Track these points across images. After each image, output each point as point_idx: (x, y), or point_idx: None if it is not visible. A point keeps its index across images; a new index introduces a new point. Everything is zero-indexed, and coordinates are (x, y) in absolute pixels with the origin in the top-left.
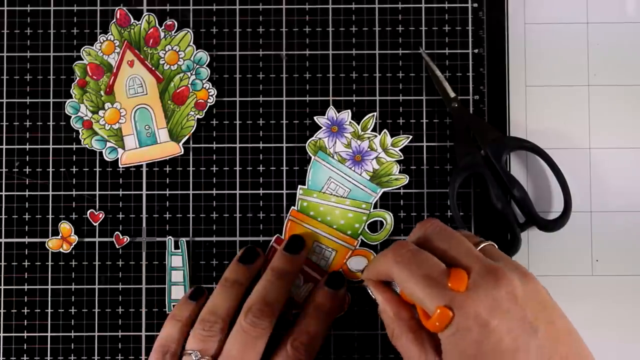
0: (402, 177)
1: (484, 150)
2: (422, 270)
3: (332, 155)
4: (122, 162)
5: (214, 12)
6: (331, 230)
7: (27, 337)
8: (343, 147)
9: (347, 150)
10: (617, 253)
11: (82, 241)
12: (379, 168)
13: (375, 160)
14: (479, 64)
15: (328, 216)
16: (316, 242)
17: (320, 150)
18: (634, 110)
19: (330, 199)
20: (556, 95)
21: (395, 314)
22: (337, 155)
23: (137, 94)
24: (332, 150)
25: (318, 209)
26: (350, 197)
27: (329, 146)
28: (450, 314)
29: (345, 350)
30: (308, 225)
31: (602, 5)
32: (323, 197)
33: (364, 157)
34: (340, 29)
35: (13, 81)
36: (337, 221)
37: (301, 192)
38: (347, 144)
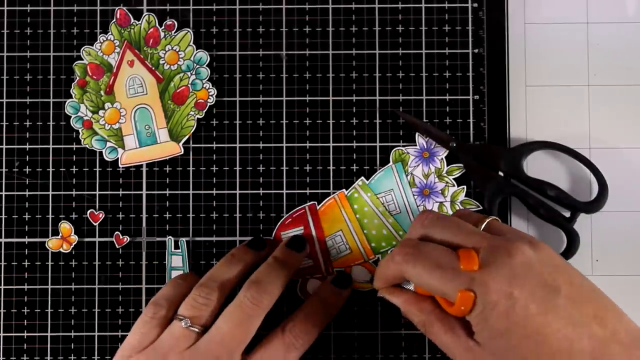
0: None
1: (501, 170)
2: (431, 260)
3: (408, 173)
4: (122, 162)
5: (214, 12)
6: (360, 231)
7: (27, 337)
8: (421, 174)
9: (422, 179)
10: (617, 253)
11: (82, 241)
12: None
13: (437, 204)
14: (479, 64)
15: (366, 219)
16: (341, 231)
17: (400, 162)
18: (634, 110)
19: (379, 207)
20: (556, 95)
21: (419, 310)
22: (412, 176)
23: (137, 93)
24: (410, 170)
25: (363, 207)
26: (396, 218)
27: (411, 165)
28: (472, 295)
29: (345, 350)
30: (345, 213)
31: (602, 5)
32: (374, 201)
33: (431, 195)
34: (340, 29)
35: (13, 81)
36: (371, 229)
37: (360, 183)
38: (426, 175)
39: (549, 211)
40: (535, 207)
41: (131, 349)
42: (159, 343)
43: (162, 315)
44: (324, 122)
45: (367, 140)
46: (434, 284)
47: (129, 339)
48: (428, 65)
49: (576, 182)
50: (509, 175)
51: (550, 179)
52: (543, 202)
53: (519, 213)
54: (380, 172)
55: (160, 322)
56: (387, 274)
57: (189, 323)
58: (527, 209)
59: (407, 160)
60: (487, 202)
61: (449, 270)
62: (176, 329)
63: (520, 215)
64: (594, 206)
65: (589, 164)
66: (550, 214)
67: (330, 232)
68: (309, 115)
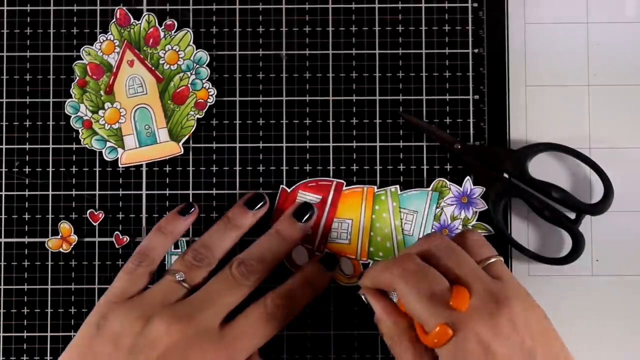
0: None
1: (506, 172)
2: (426, 286)
3: (439, 207)
4: (122, 161)
5: (214, 12)
6: (367, 231)
7: (27, 337)
8: (449, 214)
9: (448, 219)
10: (617, 253)
11: (82, 241)
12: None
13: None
14: (479, 63)
15: (379, 223)
16: (351, 220)
17: (438, 193)
18: (634, 110)
19: (397, 220)
20: (556, 95)
21: (393, 324)
22: (440, 211)
23: (137, 93)
24: (442, 205)
25: (382, 212)
26: (405, 238)
27: (446, 201)
28: (450, 332)
29: (345, 350)
30: (364, 207)
31: (602, 5)
32: (396, 212)
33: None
34: (340, 29)
35: (13, 81)
36: (377, 234)
37: (392, 189)
38: (454, 217)
39: (554, 213)
40: (540, 209)
41: (116, 296)
42: (149, 293)
43: (147, 266)
44: (324, 122)
45: (367, 140)
46: (418, 309)
47: (114, 286)
48: (428, 65)
49: (578, 183)
50: (514, 177)
51: (553, 180)
52: (548, 204)
53: (520, 214)
54: (416, 190)
55: (146, 272)
56: (379, 279)
57: (183, 277)
58: (527, 211)
59: (445, 194)
60: (491, 204)
61: (437, 301)
62: (167, 282)
63: (520, 216)
64: (599, 208)
65: (593, 166)
66: (555, 215)
67: (341, 216)
68: (309, 115)
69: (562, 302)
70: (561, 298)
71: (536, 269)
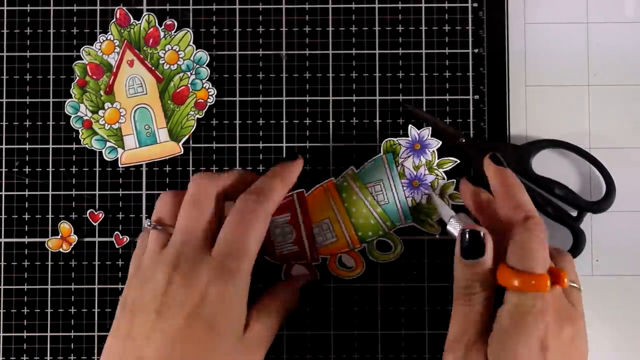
0: (436, 227)
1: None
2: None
3: (399, 164)
4: (121, 161)
5: (214, 12)
6: (347, 220)
7: (27, 337)
8: (412, 166)
9: (412, 171)
10: (617, 253)
11: (82, 241)
12: (425, 205)
13: (426, 197)
14: (479, 63)
15: (354, 207)
16: (328, 219)
17: (390, 154)
18: (634, 110)
19: (368, 197)
20: (556, 95)
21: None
22: (402, 167)
23: (137, 93)
24: (400, 161)
25: (351, 196)
26: (384, 209)
27: (401, 156)
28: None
29: (345, 350)
30: (332, 201)
31: (602, 5)
32: (363, 191)
33: (421, 187)
34: (340, 29)
35: (13, 81)
36: (358, 218)
37: (349, 172)
38: (416, 167)
39: (556, 210)
40: (543, 205)
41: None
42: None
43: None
44: (324, 122)
45: (367, 140)
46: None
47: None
48: (428, 65)
49: (580, 181)
50: (517, 173)
51: (556, 177)
52: (550, 201)
53: None
54: (370, 162)
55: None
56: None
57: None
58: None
59: (398, 151)
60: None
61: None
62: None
63: None
64: (601, 206)
65: (596, 163)
66: (558, 212)
67: (317, 220)
68: (309, 115)
69: None
70: None
71: None
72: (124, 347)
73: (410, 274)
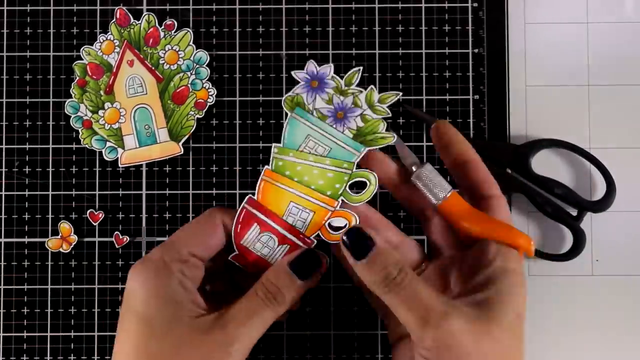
0: (389, 135)
1: (509, 167)
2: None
3: (312, 111)
4: (121, 161)
5: (214, 12)
6: (309, 190)
7: (27, 337)
8: (324, 103)
9: (328, 107)
10: (617, 253)
11: (82, 241)
12: (364, 126)
13: (359, 118)
14: (479, 64)
15: (305, 176)
16: (292, 202)
17: (298, 107)
18: (634, 110)
19: (308, 157)
20: (556, 95)
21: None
22: (317, 112)
23: (137, 93)
24: (311, 107)
25: (295, 169)
26: (331, 156)
27: (308, 102)
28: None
29: (345, 350)
30: (283, 185)
31: (602, 5)
32: (300, 155)
33: (347, 114)
34: (340, 29)
35: (13, 81)
36: (316, 181)
37: (276, 151)
38: (329, 100)
39: (556, 209)
40: (542, 204)
41: None
42: None
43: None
44: None
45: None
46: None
47: None
48: (428, 65)
49: (580, 180)
50: (516, 172)
51: (556, 177)
52: (550, 200)
53: (521, 210)
54: (286, 127)
55: None
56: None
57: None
58: (528, 206)
59: (302, 100)
60: None
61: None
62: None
63: (521, 212)
64: (601, 205)
65: (596, 163)
66: (557, 212)
67: (283, 210)
68: None
69: (562, 302)
70: (561, 298)
71: (536, 269)
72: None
73: None
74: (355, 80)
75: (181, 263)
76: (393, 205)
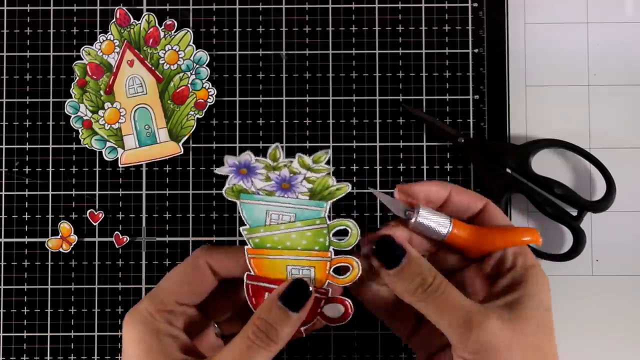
0: (343, 185)
1: (509, 167)
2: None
3: (257, 192)
4: (121, 161)
5: (214, 12)
6: (298, 252)
7: (27, 337)
8: (263, 182)
9: (269, 183)
10: (617, 253)
11: (82, 241)
12: (313, 186)
13: (305, 181)
14: (479, 64)
15: (287, 241)
16: (289, 266)
17: (241, 193)
18: (634, 110)
19: (280, 227)
20: (556, 95)
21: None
22: (262, 190)
23: (136, 93)
24: (253, 189)
25: (273, 239)
26: (300, 219)
27: (248, 187)
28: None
29: (345, 350)
30: (271, 256)
31: (602, 5)
32: (271, 228)
33: (292, 183)
34: (340, 28)
35: (13, 81)
36: (299, 243)
37: (245, 232)
38: (266, 179)
39: (556, 209)
40: (542, 204)
41: None
42: None
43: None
44: (324, 122)
45: (367, 140)
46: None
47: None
48: (428, 65)
49: (580, 180)
50: (516, 172)
51: (556, 177)
52: (550, 200)
53: (520, 210)
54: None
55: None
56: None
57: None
58: (528, 206)
59: (241, 187)
60: (495, 199)
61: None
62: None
63: (521, 211)
64: (601, 205)
65: (596, 163)
66: (557, 212)
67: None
68: (309, 115)
69: (562, 302)
70: (561, 298)
71: None
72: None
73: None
74: (279, 155)
75: (167, 313)
76: None
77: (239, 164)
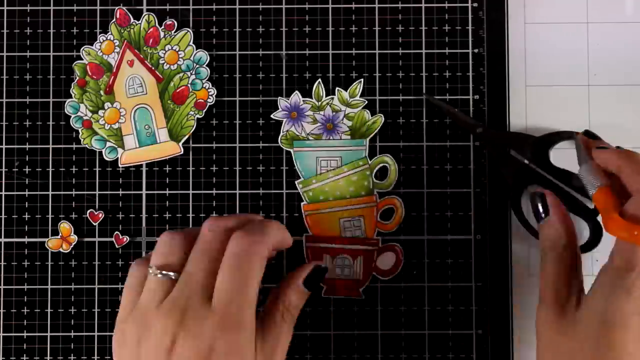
0: (377, 117)
1: (527, 158)
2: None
3: (307, 138)
4: (121, 161)
5: (214, 12)
6: (347, 201)
7: (27, 337)
8: (311, 125)
9: (316, 125)
10: None
11: (82, 241)
12: (352, 123)
13: (345, 119)
14: (479, 64)
15: (337, 191)
16: (341, 219)
17: (294, 140)
18: (634, 110)
19: (329, 175)
20: (556, 95)
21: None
22: (311, 135)
23: (137, 93)
24: (304, 134)
25: (325, 190)
26: (345, 163)
27: (299, 132)
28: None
29: (345, 350)
30: (325, 209)
31: (602, 5)
32: (322, 177)
33: (335, 122)
34: (340, 28)
35: (13, 81)
36: (347, 190)
37: (301, 186)
38: (314, 121)
39: (573, 202)
40: (559, 197)
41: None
42: (140, 301)
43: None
44: None
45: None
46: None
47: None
48: (428, 65)
49: None
50: (534, 163)
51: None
52: (567, 193)
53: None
54: (296, 162)
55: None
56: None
57: (157, 271)
58: None
59: (294, 133)
60: (512, 189)
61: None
62: (150, 282)
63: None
64: None
65: None
66: (574, 204)
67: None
68: None
69: None
70: None
71: (536, 269)
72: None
73: (410, 273)
74: (322, 93)
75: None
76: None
77: (290, 105)
